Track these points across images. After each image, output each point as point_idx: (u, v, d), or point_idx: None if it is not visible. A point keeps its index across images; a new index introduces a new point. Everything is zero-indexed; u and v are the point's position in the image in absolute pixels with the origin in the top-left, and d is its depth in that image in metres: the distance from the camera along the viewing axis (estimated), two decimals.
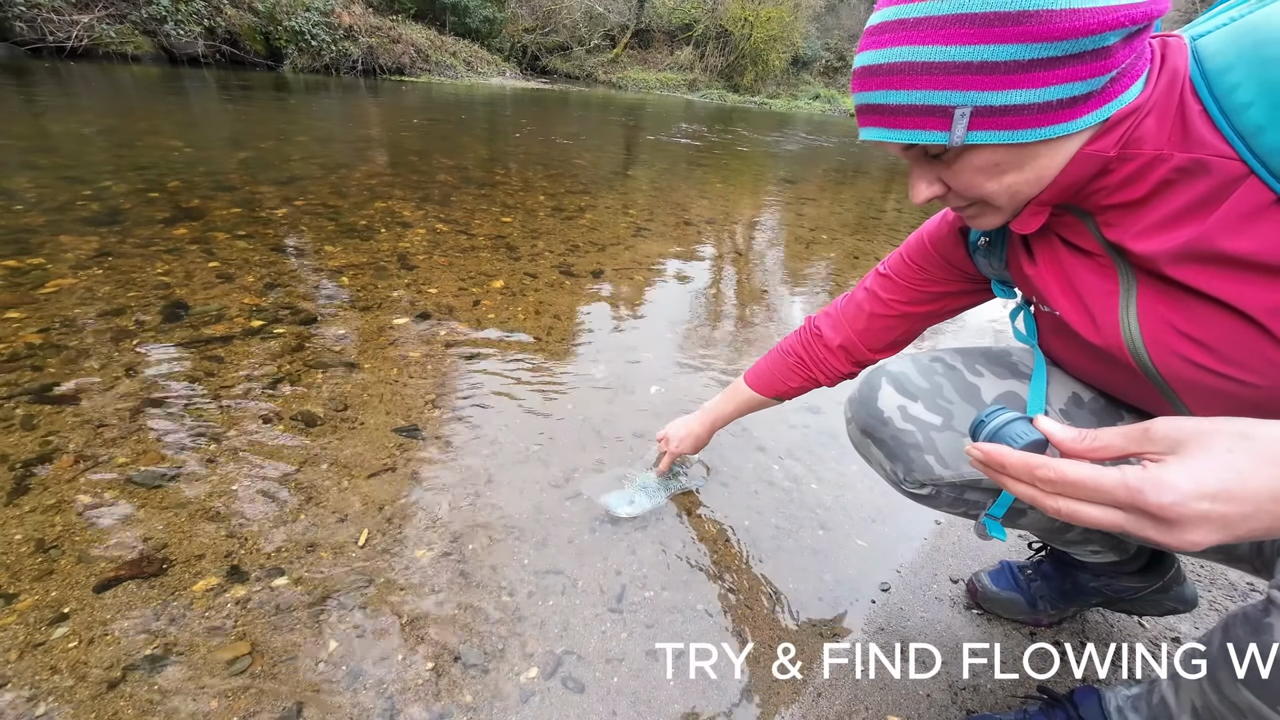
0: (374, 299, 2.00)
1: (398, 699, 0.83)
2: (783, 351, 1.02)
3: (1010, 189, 0.54)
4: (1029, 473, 0.44)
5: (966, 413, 0.77)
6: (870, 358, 0.94)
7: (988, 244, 0.73)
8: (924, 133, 0.52)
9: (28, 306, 1.71)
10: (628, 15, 16.39)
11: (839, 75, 19.33)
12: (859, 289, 0.93)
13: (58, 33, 7.84)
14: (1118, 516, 0.40)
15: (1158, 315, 0.56)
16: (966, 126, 0.49)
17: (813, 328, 0.98)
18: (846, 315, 0.93)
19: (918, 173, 0.59)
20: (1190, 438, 0.40)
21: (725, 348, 1.98)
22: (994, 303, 0.85)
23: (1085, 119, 0.49)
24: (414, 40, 11.52)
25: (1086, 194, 0.55)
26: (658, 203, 3.78)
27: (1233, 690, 0.48)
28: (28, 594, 0.92)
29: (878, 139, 0.55)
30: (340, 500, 1.16)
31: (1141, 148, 0.51)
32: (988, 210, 0.59)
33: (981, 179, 0.54)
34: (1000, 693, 0.94)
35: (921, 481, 0.79)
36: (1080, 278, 0.62)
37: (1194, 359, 0.55)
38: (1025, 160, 0.52)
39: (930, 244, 0.81)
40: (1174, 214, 0.52)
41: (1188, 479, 0.38)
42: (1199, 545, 0.38)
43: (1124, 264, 0.58)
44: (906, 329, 0.90)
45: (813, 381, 1.00)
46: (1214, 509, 0.37)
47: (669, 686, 0.89)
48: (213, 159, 3.56)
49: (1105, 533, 0.87)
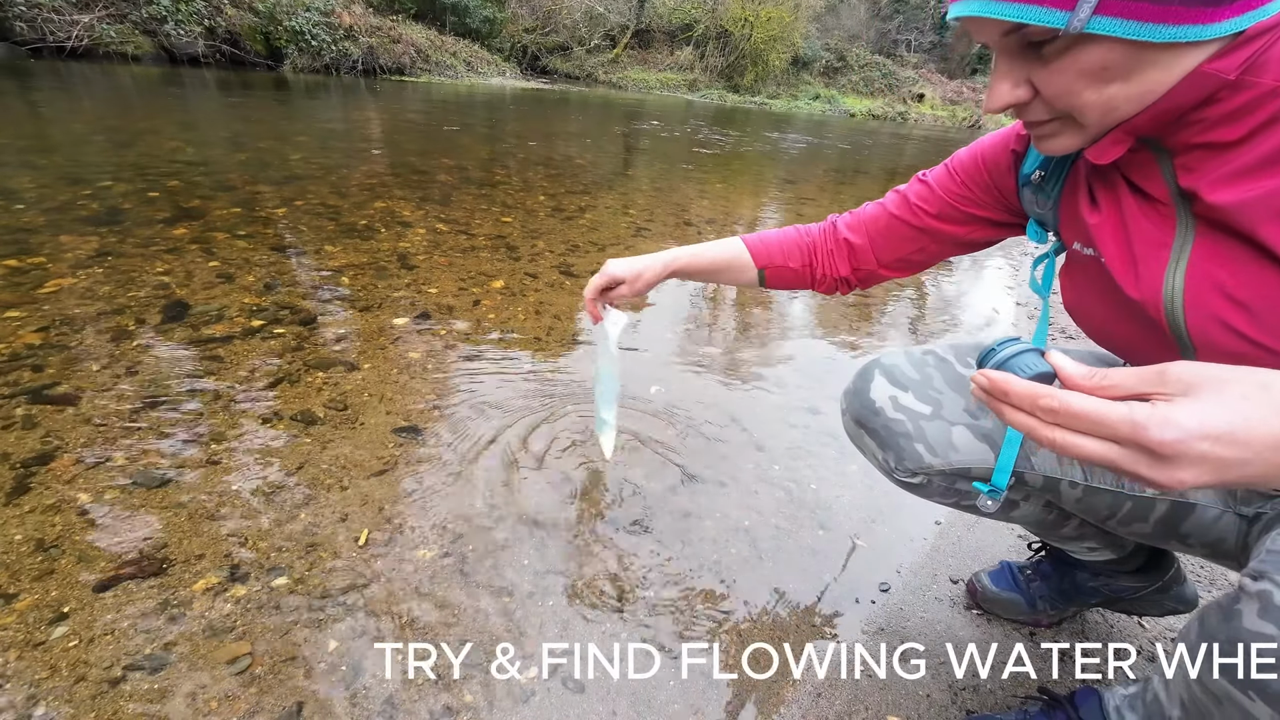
0: (374, 299, 2.00)
1: (397, 699, 0.83)
2: (797, 229, 0.94)
3: (1109, 103, 0.48)
4: (1032, 401, 0.41)
5: (956, 403, 0.78)
6: (874, 269, 0.88)
7: (1041, 179, 0.68)
8: (1040, 9, 0.44)
9: (28, 306, 1.71)
10: (628, 15, 16.39)
11: (839, 75, 19.33)
12: (890, 194, 0.86)
13: (58, 33, 7.84)
14: (1113, 451, 0.39)
15: (1207, 274, 0.53)
16: (1094, 8, 0.43)
17: (829, 221, 0.92)
18: (867, 216, 0.88)
19: (1005, 69, 0.51)
20: (1206, 382, 0.38)
21: (725, 348, 1.98)
22: (991, 295, 0.85)
23: (1225, 25, 0.43)
24: (414, 40, 11.52)
25: (1181, 125, 0.50)
26: (658, 203, 3.78)
27: (1210, 679, 0.48)
28: (27, 593, 0.92)
29: (977, 13, 0.47)
30: (340, 500, 1.16)
31: (1262, 76, 0.45)
32: (1069, 128, 0.53)
33: (1082, 84, 0.48)
34: (1000, 693, 0.94)
35: (912, 470, 0.79)
36: (1136, 224, 0.57)
37: (1231, 323, 0.51)
38: (1138, 68, 0.46)
39: (983, 161, 0.76)
40: (1265, 159, 0.47)
41: (1195, 418, 0.37)
42: (1185, 484, 0.37)
43: (1187, 215, 0.54)
44: (924, 246, 0.84)
45: (808, 270, 0.91)
46: (1213, 450, 0.36)
47: (669, 686, 0.89)
48: (213, 159, 3.56)
49: (1101, 529, 0.87)
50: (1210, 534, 0.70)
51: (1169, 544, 0.76)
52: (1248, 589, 0.46)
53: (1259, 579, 0.46)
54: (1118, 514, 0.74)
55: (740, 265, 0.93)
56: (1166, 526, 0.72)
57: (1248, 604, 0.46)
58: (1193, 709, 0.52)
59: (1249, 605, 0.45)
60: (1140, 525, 0.74)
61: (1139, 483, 0.39)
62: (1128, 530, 0.77)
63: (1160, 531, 0.74)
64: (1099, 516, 0.77)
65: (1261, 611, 0.44)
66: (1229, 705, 0.47)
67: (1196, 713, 0.52)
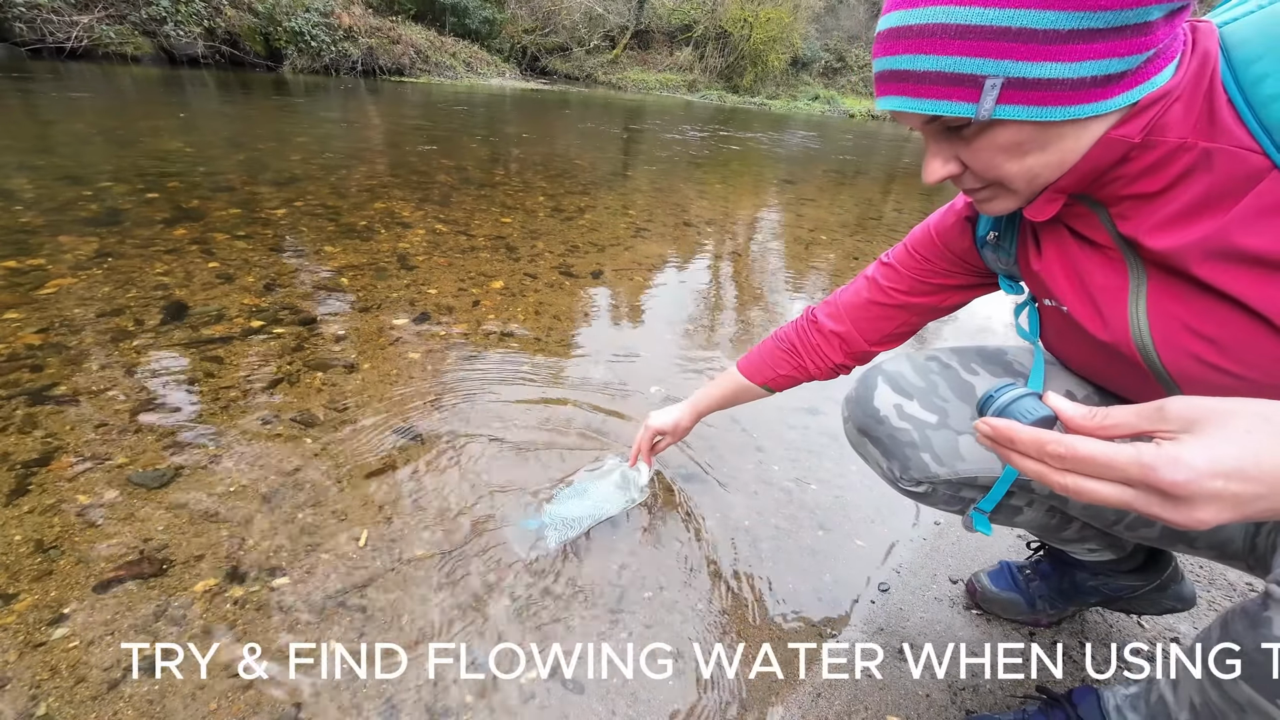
0: (373, 299, 2.00)
1: (397, 699, 0.83)
2: (777, 338, 1.00)
3: (1030, 171, 0.53)
4: (1039, 448, 0.42)
5: (962, 411, 0.77)
6: (865, 350, 0.92)
7: (996, 239, 0.71)
8: (950, 103, 0.49)
9: (27, 307, 1.71)
10: (627, 16, 16.40)
11: (838, 76, 19.34)
12: (860, 278, 0.90)
13: (57, 33, 7.84)
14: (1126, 494, 0.39)
15: (1168, 312, 0.55)
16: (996, 99, 0.47)
17: (809, 315, 0.96)
18: (844, 303, 0.91)
19: (934, 149, 0.56)
20: (1207, 417, 0.38)
21: (725, 348, 1.98)
22: (988, 300, 0.85)
23: (1117, 100, 0.47)
24: (414, 41, 11.53)
25: (1104, 182, 0.54)
26: (657, 203, 3.78)
27: (1232, 686, 0.48)
28: (27, 594, 0.92)
29: (898, 109, 0.52)
30: (340, 500, 1.16)
31: (1166, 135, 0.49)
32: (1002, 194, 0.57)
33: (1002, 159, 0.52)
34: (999, 693, 0.94)
35: (918, 479, 0.79)
36: (1089, 271, 0.60)
37: (1204, 357, 0.54)
38: (1049, 141, 0.50)
39: (936, 236, 0.80)
40: (1191, 206, 0.50)
41: (1203, 457, 0.37)
42: (1206, 524, 0.38)
43: (1135, 258, 0.57)
44: (905, 320, 0.87)
45: (803, 370, 0.97)
46: (1227, 488, 0.37)
47: (669, 687, 0.89)
48: (212, 160, 3.56)
49: (1102, 531, 0.87)
50: (1217, 537, 0.69)
51: (1175, 546, 0.76)
52: (1276, 596, 0.46)
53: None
54: (1124, 519, 0.74)
55: (746, 388, 1.04)
56: (1174, 531, 0.72)
57: (1277, 611, 0.46)
58: (1204, 713, 0.52)
59: (1278, 612, 0.45)
60: (1146, 530, 0.74)
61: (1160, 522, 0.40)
62: (1134, 535, 0.76)
63: (1168, 536, 0.73)
64: (1106, 522, 0.77)
65: None
66: (1252, 712, 0.47)
67: (1209, 716, 0.52)
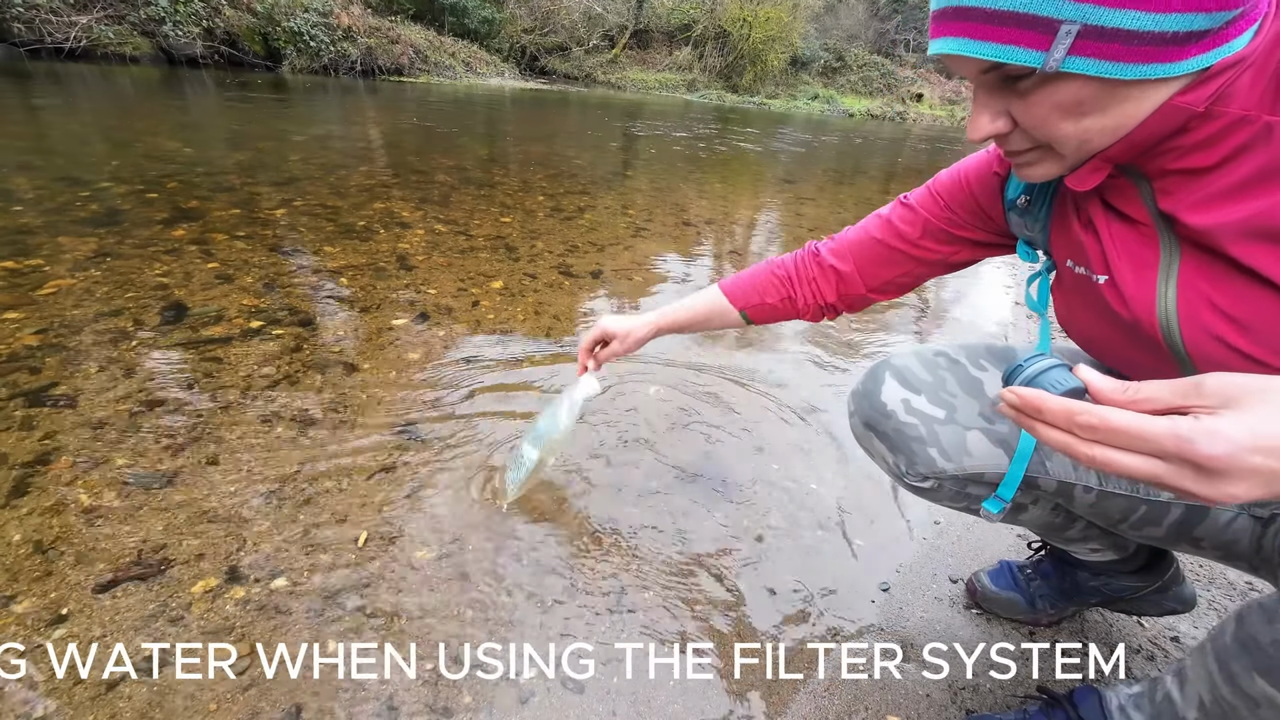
0: (373, 300, 2.00)
1: (397, 700, 0.83)
2: (771, 264, 0.94)
3: (1084, 135, 0.50)
4: (1068, 419, 0.41)
5: (970, 406, 0.77)
6: (861, 294, 0.88)
7: (1027, 203, 0.69)
8: (1016, 49, 0.46)
9: (26, 308, 1.70)
10: (626, 16, 16.39)
11: (837, 75, 19.34)
12: (872, 216, 0.87)
13: (56, 34, 7.83)
14: (1158, 467, 0.38)
15: (1197, 291, 0.54)
16: (1067, 49, 0.44)
17: (811, 248, 0.92)
18: (850, 241, 0.88)
19: (984, 102, 0.53)
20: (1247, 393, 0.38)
21: (724, 348, 1.98)
22: (991, 292, 0.85)
23: (1191, 62, 0.44)
24: (413, 41, 11.52)
25: (1156, 153, 0.51)
26: (657, 203, 3.78)
27: (1248, 682, 0.48)
28: (27, 595, 0.92)
29: (957, 51, 0.49)
30: (339, 501, 1.16)
31: (1229, 106, 0.46)
32: (1048, 158, 0.54)
33: (1058, 118, 0.49)
34: (1000, 693, 0.94)
35: (924, 475, 0.78)
36: (1121, 246, 0.59)
37: (1227, 339, 0.52)
38: (1111, 103, 0.47)
39: (967, 183, 0.76)
40: (1240, 183, 0.48)
41: (1244, 431, 0.36)
42: (1237, 499, 0.37)
43: (1170, 235, 0.55)
44: (909, 270, 0.84)
45: (789, 304, 0.92)
46: (1265, 463, 0.36)
47: (668, 687, 0.89)
48: (211, 160, 3.55)
49: (1105, 530, 0.87)
50: (1224, 536, 0.69)
51: (1180, 546, 0.75)
52: None
53: None
54: (1130, 518, 0.74)
55: (721, 310, 0.97)
56: (1180, 530, 0.71)
57: None
58: (1214, 710, 0.52)
59: None
60: (1153, 529, 0.74)
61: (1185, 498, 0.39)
62: (1139, 534, 0.76)
63: (1173, 535, 0.73)
64: (1111, 521, 0.76)
65: None
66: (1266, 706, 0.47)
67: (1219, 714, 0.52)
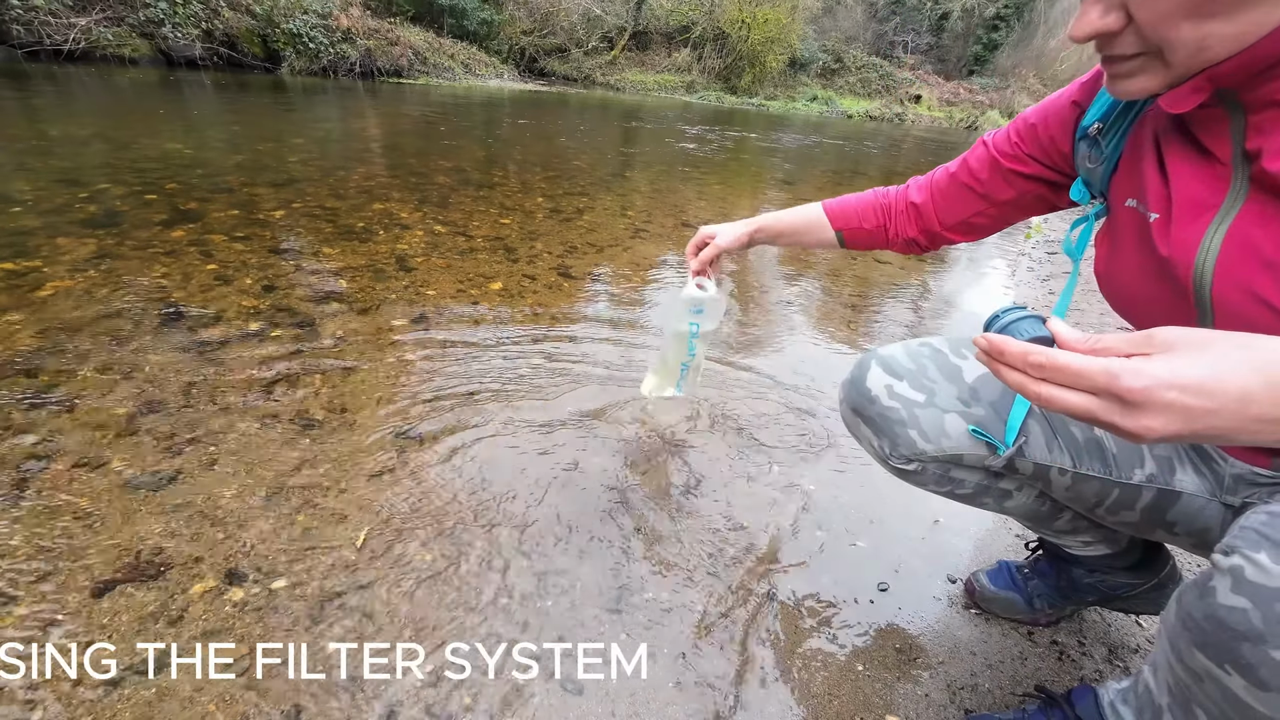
0: (372, 301, 2.00)
1: (396, 700, 0.83)
2: (875, 192, 0.97)
3: (1202, 41, 0.46)
4: (1023, 359, 0.44)
5: (949, 391, 0.79)
6: (937, 230, 0.90)
7: (1100, 131, 0.67)
8: None
9: (25, 309, 1.70)
10: (625, 17, 16.40)
11: (836, 77, 19.36)
12: (958, 158, 0.88)
13: (55, 35, 7.82)
14: (1092, 403, 0.41)
15: (1247, 239, 0.52)
16: None
17: (908, 183, 0.94)
18: (935, 177, 0.90)
19: None
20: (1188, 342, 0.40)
21: (724, 349, 1.98)
22: (991, 291, 0.86)
23: None
24: (412, 42, 11.52)
25: (1266, 77, 0.48)
26: (656, 204, 3.79)
27: (1190, 658, 0.49)
28: (25, 598, 0.92)
29: None
30: (338, 502, 1.16)
31: None
32: (1152, 67, 0.50)
33: (1180, 16, 0.46)
34: (998, 692, 0.94)
35: (907, 456, 0.81)
36: (1186, 186, 0.57)
37: (1260, 292, 0.51)
38: (1241, 7, 0.44)
39: (1043, 116, 0.76)
40: None
41: (1165, 369, 0.39)
42: (1154, 432, 0.39)
43: (1243, 177, 0.53)
44: (980, 209, 0.85)
45: (882, 232, 0.95)
46: (1180, 399, 0.38)
47: (668, 688, 0.89)
48: (210, 161, 3.55)
49: (1094, 523, 0.88)
50: (1196, 523, 0.71)
51: (1156, 534, 0.77)
52: (1220, 565, 0.47)
53: (1230, 554, 0.46)
54: (1105, 502, 0.76)
55: (819, 227, 0.99)
56: (1153, 515, 0.74)
57: (1220, 580, 0.46)
58: (1178, 691, 0.53)
59: (1222, 581, 0.46)
60: (1128, 514, 0.76)
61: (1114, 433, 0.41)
62: (1116, 519, 0.78)
63: (1147, 520, 0.75)
64: (1087, 505, 0.78)
65: (1234, 586, 0.45)
66: (1209, 681, 0.47)
67: (1181, 695, 0.52)
